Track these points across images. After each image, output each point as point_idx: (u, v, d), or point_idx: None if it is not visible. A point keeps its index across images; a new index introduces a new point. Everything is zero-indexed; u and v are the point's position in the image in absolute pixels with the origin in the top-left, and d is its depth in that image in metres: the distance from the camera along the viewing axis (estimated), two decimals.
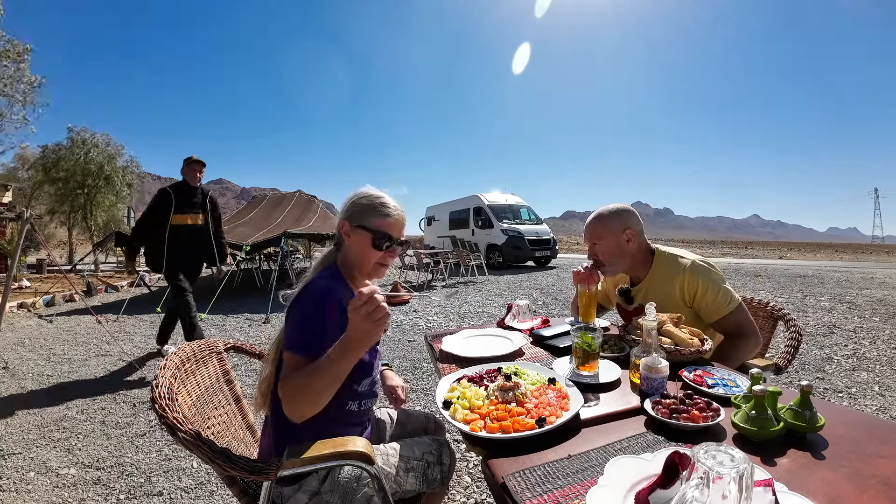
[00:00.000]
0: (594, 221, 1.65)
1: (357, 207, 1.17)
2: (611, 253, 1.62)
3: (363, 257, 1.16)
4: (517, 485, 0.78)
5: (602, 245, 1.62)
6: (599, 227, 1.63)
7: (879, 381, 3.29)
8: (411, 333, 5.08)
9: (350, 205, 1.18)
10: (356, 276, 1.20)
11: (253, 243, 7.55)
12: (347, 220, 1.16)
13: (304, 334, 1.02)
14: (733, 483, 0.52)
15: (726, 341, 1.51)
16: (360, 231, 1.15)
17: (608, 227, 1.62)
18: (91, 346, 4.80)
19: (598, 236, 1.63)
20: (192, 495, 2.03)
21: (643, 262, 1.65)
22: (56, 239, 20.40)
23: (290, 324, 1.05)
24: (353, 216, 1.16)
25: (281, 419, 1.03)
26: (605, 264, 1.64)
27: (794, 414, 0.91)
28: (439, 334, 1.80)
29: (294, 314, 1.06)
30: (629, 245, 1.61)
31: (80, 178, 15.89)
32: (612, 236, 1.60)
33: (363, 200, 1.17)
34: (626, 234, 1.60)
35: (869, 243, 69.12)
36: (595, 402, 1.10)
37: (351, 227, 1.16)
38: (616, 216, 1.62)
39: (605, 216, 1.63)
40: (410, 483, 1.16)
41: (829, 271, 11.04)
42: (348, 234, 1.17)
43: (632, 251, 1.62)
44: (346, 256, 1.19)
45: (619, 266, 1.65)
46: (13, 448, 2.48)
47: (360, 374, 1.13)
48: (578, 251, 27.44)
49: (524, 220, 14.11)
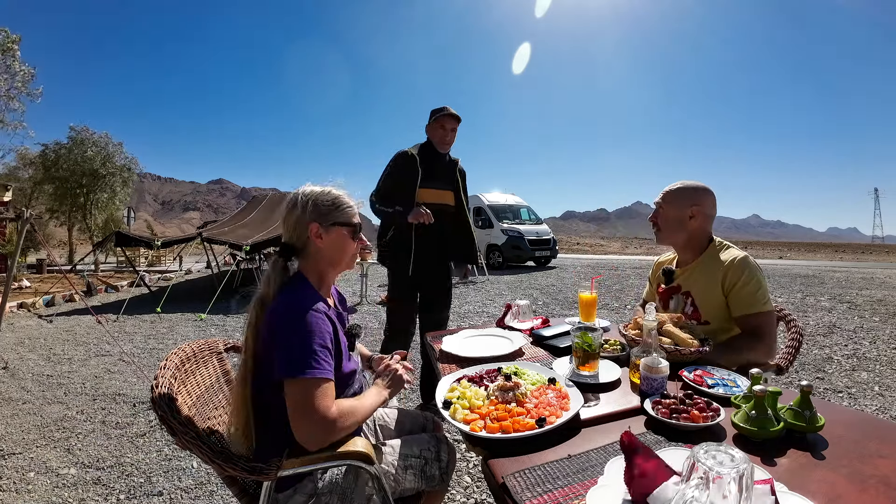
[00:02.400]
0: (670, 188, 1.69)
1: (324, 208, 1.16)
2: (669, 220, 1.65)
3: (342, 252, 1.19)
4: (517, 485, 0.78)
5: (665, 211, 1.67)
6: (670, 194, 1.67)
7: (879, 381, 3.29)
8: None
9: (313, 207, 1.16)
10: (326, 279, 1.20)
11: (253, 243, 7.55)
12: (316, 222, 1.15)
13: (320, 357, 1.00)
14: (733, 483, 0.52)
15: (742, 336, 1.50)
16: (334, 228, 1.16)
17: (678, 196, 1.65)
18: (91, 346, 4.80)
19: (667, 202, 1.67)
20: (192, 495, 2.03)
21: (698, 246, 1.66)
22: (56, 239, 20.41)
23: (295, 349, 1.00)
24: (322, 217, 1.15)
25: (277, 423, 1.02)
26: (660, 229, 1.69)
27: (794, 414, 0.91)
28: (439, 334, 1.80)
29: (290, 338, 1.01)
30: (691, 222, 1.62)
31: (80, 178, 15.91)
32: (677, 207, 1.64)
33: (326, 199, 1.17)
34: (692, 210, 1.62)
35: (869, 243, 69.11)
36: (595, 402, 1.10)
37: (322, 227, 1.15)
38: (691, 190, 1.64)
39: (682, 187, 1.66)
40: (409, 481, 1.16)
41: (829, 271, 11.04)
42: (320, 236, 1.15)
43: (692, 228, 1.63)
44: (316, 260, 1.17)
45: (674, 237, 1.67)
46: (13, 448, 2.48)
47: (350, 379, 1.17)
48: (578, 251, 27.45)
49: (524, 220, 14.11)
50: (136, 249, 14.46)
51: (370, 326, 5.51)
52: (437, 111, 2.63)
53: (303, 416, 0.96)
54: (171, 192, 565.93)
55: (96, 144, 16.26)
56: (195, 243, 9.64)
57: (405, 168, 2.59)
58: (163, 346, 4.73)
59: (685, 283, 1.65)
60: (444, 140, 2.64)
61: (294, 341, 1.00)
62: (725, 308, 1.53)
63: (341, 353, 1.12)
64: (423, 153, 2.63)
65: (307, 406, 0.96)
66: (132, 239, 8.60)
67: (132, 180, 18.09)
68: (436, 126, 2.62)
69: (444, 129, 2.61)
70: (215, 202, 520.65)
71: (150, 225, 43.70)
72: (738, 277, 1.50)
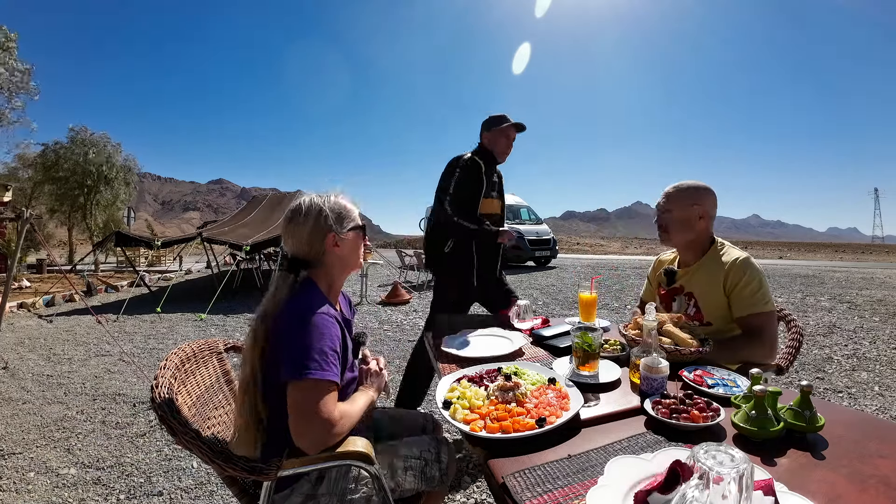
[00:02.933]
0: (672, 189, 1.68)
1: (335, 216, 1.17)
2: (677, 222, 1.64)
3: (355, 254, 1.22)
4: (517, 485, 0.78)
5: (672, 213, 1.65)
6: (676, 195, 1.66)
7: (879, 381, 3.29)
8: (411, 333, 5.08)
9: (325, 218, 1.15)
10: (335, 285, 1.21)
11: (253, 243, 7.55)
12: (332, 232, 1.15)
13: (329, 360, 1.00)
14: (733, 483, 0.52)
15: (742, 336, 1.50)
16: (349, 233, 1.19)
17: (683, 197, 1.64)
18: (91, 346, 4.80)
19: (672, 203, 1.66)
20: (192, 495, 2.03)
21: (700, 247, 1.66)
22: (56, 239, 20.41)
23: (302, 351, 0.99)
24: (336, 224, 1.16)
25: (277, 423, 1.02)
26: (668, 231, 1.68)
27: (794, 414, 0.91)
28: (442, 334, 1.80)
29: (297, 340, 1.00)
30: (699, 222, 1.63)
31: (80, 178, 15.91)
32: (683, 208, 1.63)
33: (336, 207, 1.18)
34: (696, 209, 1.62)
35: (869, 243, 69.09)
36: (595, 402, 1.10)
37: (339, 235, 1.16)
38: (694, 190, 1.64)
39: (686, 187, 1.65)
40: (409, 482, 1.16)
41: (829, 271, 11.04)
42: (338, 244, 1.16)
43: (699, 229, 1.63)
44: (329, 268, 1.17)
45: (682, 237, 1.67)
46: (13, 448, 2.48)
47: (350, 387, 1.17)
48: (578, 251, 27.44)
49: (524, 220, 14.11)
50: (136, 249, 14.45)
51: (370, 326, 5.52)
52: (499, 119, 2.51)
53: (306, 419, 0.95)
54: (171, 192, 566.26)
55: (95, 145, 16.26)
56: (195, 243, 9.64)
57: (475, 178, 2.47)
58: (163, 346, 4.73)
59: (688, 284, 1.65)
60: (507, 151, 2.56)
61: (301, 343, 0.99)
62: (728, 309, 1.53)
63: (347, 359, 1.12)
64: (485, 162, 2.50)
65: (311, 408, 0.95)
66: (132, 239, 8.60)
67: (133, 181, 18.09)
68: (499, 135, 2.50)
69: (508, 139, 2.52)
70: (215, 202, 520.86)
71: (150, 225, 43.72)
72: (740, 278, 1.50)
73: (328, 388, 0.98)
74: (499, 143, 2.52)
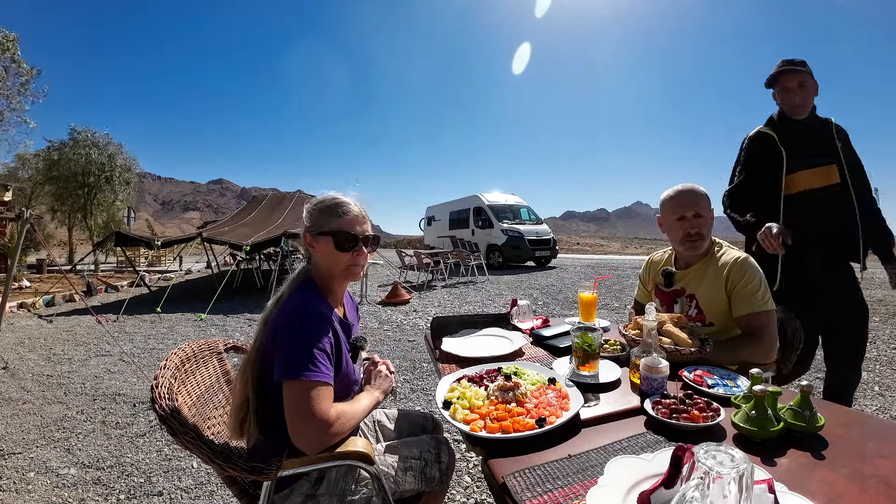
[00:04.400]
0: (702, 194, 1.61)
1: (314, 215, 1.13)
2: (708, 226, 1.62)
3: (333, 263, 1.13)
4: (517, 485, 0.78)
5: (704, 218, 1.61)
6: (705, 200, 1.61)
7: (879, 381, 3.29)
8: (411, 333, 5.08)
9: (307, 215, 1.14)
10: (332, 287, 1.17)
11: (253, 243, 7.55)
12: (308, 231, 1.13)
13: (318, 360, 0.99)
14: (733, 483, 0.52)
15: (742, 336, 1.50)
16: (321, 238, 1.11)
17: (707, 201, 1.62)
18: (91, 346, 4.80)
19: (705, 209, 1.61)
20: (192, 495, 2.03)
21: (705, 249, 1.66)
22: (56, 239, 20.40)
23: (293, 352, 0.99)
24: (312, 225, 1.13)
25: (277, 423, 1.02)
26: (704, 238, 1.61)
27: (794, 414, 0.91)
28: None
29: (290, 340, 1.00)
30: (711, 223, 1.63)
31: (81, 178, 15.91)
32: (709, 211, 1.62)
33: (318, 207, 1.14)
34: (713, 210, 1.62)
35: None
36: (595, 402, 1.10)
37: (313, 236, 1.13)
38: (706, 193, 1.63)
39: (702, 192, 1.62)
40: (409, 482, 1.16)
41: None
42: (313, 245, 1.13)
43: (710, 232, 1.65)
44: (318, 269, 1.16)
45: (707, 242, 1.64)
46: (13, 448, 2.48)
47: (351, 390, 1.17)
48: (578, 251, 27.43)
49: (524, 220, 14.11)
50: (136, 249, 14.47)
51: (370, 326, 5.52)
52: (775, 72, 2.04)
53: (301, 419, 0.95)
54: (171, 192, 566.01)
55: (97, 145, 16.27)
56: (195, 243, 9.64)
57: (762, 153, 2.01)
58: (163, 346, 4.73)
59: (689, 285, 1.65)
60: (793, 103, 2.00)
61: (293, 343, 1.00)
62: (729, 309, 1.53)
63: (341, 362, 1.11)
64: (781, 128, 2.02)
65: (305, 408, 0.95)
66: (132, 239, 8.61)
67: (133, 180, 18.09)
68: (778, 90, 2.04)
69: (786, 89, 2.00)
70: (215, 202, 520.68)
71: (151, 225, 43.70)
72: (741, 278, 1.50)
73: (320, 388, 0.97)
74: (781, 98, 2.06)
